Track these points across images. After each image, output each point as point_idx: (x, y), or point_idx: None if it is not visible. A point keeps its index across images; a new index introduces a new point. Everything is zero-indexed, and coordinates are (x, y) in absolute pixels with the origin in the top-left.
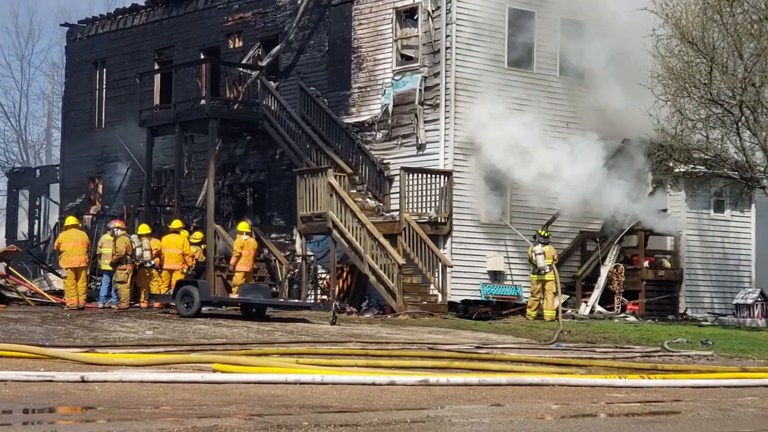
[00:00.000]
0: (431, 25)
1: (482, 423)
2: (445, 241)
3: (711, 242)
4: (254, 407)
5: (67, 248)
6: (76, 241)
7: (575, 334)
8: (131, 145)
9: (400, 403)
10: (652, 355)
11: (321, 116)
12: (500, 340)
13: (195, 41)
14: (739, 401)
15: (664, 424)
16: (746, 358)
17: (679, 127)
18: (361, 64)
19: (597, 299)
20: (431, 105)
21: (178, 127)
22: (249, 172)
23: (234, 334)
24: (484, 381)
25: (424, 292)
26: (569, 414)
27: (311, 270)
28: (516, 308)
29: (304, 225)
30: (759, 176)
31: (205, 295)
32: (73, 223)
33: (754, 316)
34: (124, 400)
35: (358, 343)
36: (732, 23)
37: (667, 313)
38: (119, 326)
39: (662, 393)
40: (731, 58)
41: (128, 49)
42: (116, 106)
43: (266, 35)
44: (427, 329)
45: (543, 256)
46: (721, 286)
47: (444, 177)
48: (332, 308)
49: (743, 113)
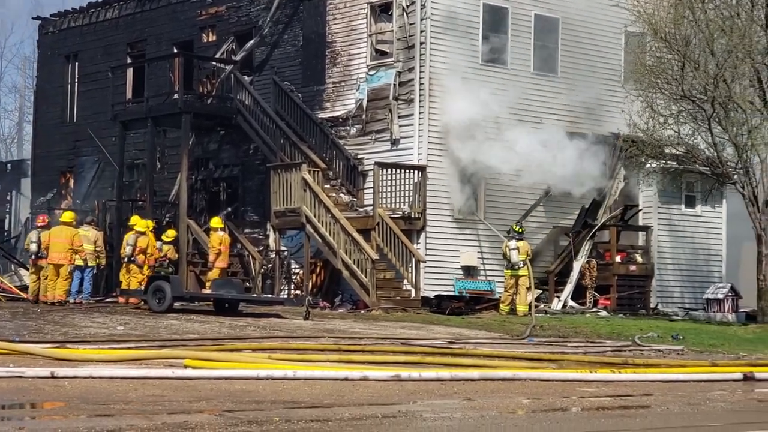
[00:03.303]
0: (406, 21)
1: (453, 418)
2: (419, 236)
3: (682, 237)
4: (225, 403)
5: (51, 244)
6: (59, 237)
7: (547, 329)
8: (103, 140)
9: (372, 398)
10: (623, 349)
11: (295, 111)
12: (473, 335)
13: (168, 35)
14: (709, 395)
15: (634, 418)
16: (716, 353)
17: (651, 123)
18: (335, 59)
19: (569, 294)
20: (405, 100)
21: (151, 122)
22: (222, 166)
23: (206, 330)
24: (456, 376)
25: (398, 288)
26: (540, 408)
27: (284, 265)
28: (489, 303)
29: (277, 220)
30: (730, 172)
31: (177, 291)
32: (66, 220)
33: (724, 311)
34: (93, 396)
35: (331, 339)
36: (704, 19)
37: (639, 308)
38: (90, 322)
39: (632, 387)
40: (703, 54)
41: (101, 42)
42: (88, 100)
43: (240, 29)
44: (400, 324)
45: (517, 251)
46: (692, 281)
47: (418, 172)
48: (305, 303)
49: (714, 109)
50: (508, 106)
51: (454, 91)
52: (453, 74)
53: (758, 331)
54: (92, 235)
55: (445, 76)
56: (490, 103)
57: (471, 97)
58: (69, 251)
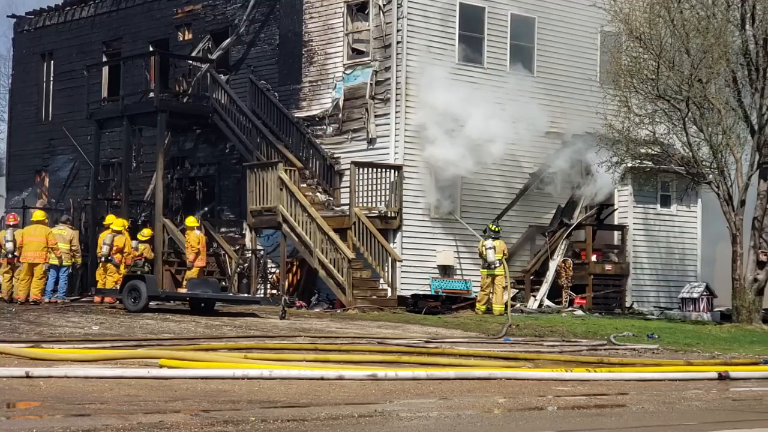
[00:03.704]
0: (382, 20)
1: (430, 417)
2: (395, 235)
3: (657, 237)
4: (201, 403)
5: (24, 243)
6: (34, 236)
7: (523, 328)
8: (78, 138)
9: (348, 397)
10: (598, 348)
11: (271, 110)
12: (449, 335)
13: (144, 33)
14: (684, 394)
15: (609, 417)
16: (691, 352)
17: (626, 123)
18: (312, 58)
19: (545, 293)
20: (382, 99)
21: (126, 120)
22: (198, 165)
23: (182, 329)
24: (432, 375)
25: (374, 287)
26: (516, 407)
27: (261, 264)
28: (465, 303)
29: (254, 219)
30: (705, 172)
31: (153, 290)
32: (38, 219)
33: (699, 310)
34: (69, 396)
35: (307, 338)
36: (679, 19)
37: (614, 307)
38: (65, 321)
39: (608, 386)
40: (678, 54)
41: (76, 41)
42: (64, 99)
43: (216, 28)
44: (376, 323)
45: (493, 250)
46: (667, 280)
47: (394, 171)
48: (281, 303)
49: (690, 109)
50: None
51: (430, 90)
52: (429, 74)
53: (733, 330)
54: (67, 234)
55: (421, 76)
56: (466, 102)
57: (447, 96)
58: (44, 250)
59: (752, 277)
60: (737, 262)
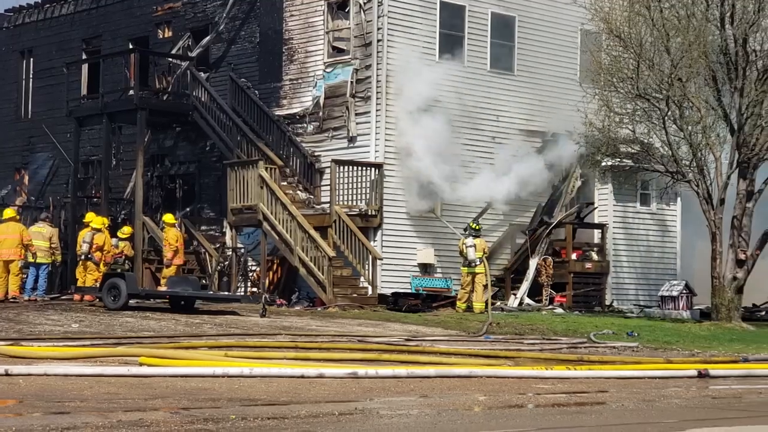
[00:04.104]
0: (363, 18)
1: (410, 415)
2: (376, 233)
3: (637, 235)
4: (181, 401)
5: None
6: (8, 234)
7: (504, 326)
8: (58, 136)
9: (328, 395)
10: (578, 346)
11: (252, 108)
12: (430, 333)
13: (123, 31)
14: (664, 392)
15: (589, 414)
16: (671, 350)
17: (606, 121)
18: (292, 56)
19: (526, 291)
20: (362, 97)
21: (106, 118)
22: (179, 163)
23: (162, 327)
24: (413, 373)
25: (355, 285)
26: (497, 405)
27: (241, 262)
28: (446, 301)
29: (234, 217)
30: (684, 170)
31: (133, 288)
32: (9, 216)
33: (678, 308)
34: (48, 394)
35: (288, 336)
36: (659, 18)
37: (594, 305)
38: (45, 319)
39: (588, 384)
40: (658, 53)
41: (56, 38)
42: (43, 96)
43: (196, 26)
44: (357, 322)
45: (474, 248)
46: (647, 278)
47: (374, 169)
48: (262, 301)
49: (669, 108)
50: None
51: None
52: (410, 72)
53: (712, 328)
54: (47, 231)
55: (401, 74)
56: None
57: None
58: (18, 246)
59: (731, 276)
60: (716, 260)
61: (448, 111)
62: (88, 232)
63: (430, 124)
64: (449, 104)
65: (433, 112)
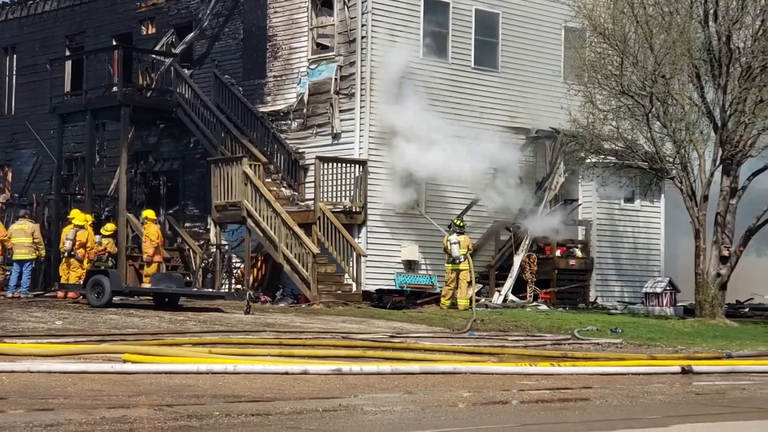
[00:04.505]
0: (347, 14)
1: (394, 411)
2: (360, 230)
3: (621, 232)
4: (164, 397)
5: None
6: None
7: (488, 323)
8: (41, 133)
9: (312, 392)
10: (562, 343)
11: (236, 105)
12: (414, 329)
13: (107, 27)
14: (647, 388)
15: (573, 410)
16: (654, 346)
17: (591, 118)
18: (276, 52)
19: (510, 288)
20: (346, 94)
21: (90, 115)
22: (162, 160)
23: (146, 324)
24: (397, 370)
25: (339, 282)
26: (481, 401)
27: (225, 259)
28: (430, 297)
29: (218, 214)
30: (668, 167)
31: (117, 285)
32: None
33: (662, 305)
34: (32, 391)
35: (272, 333)
36: (643, 15)
37: (578, 302)
38: (28, 316)
39: (572, 380)
40: (642, 50)
41: (39, 35)
42: (26, 93)
43: (180, 22)
44: (341, 318)
45: (458, 245)
46: (631, 275)
47: (359, 166)
48: (246, 297)
49: (653, 105)
50: (447, 101)
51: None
52: (394, 69)
53: (696, 325)
54: (28, 227)
55: (386, 71)
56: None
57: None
58: None
59: (715, 272)
60: (700, 257)
61: (432, 108)
62: (71, 229)
63: (414, 120)
64: (433, 101)
65: (417, 108)
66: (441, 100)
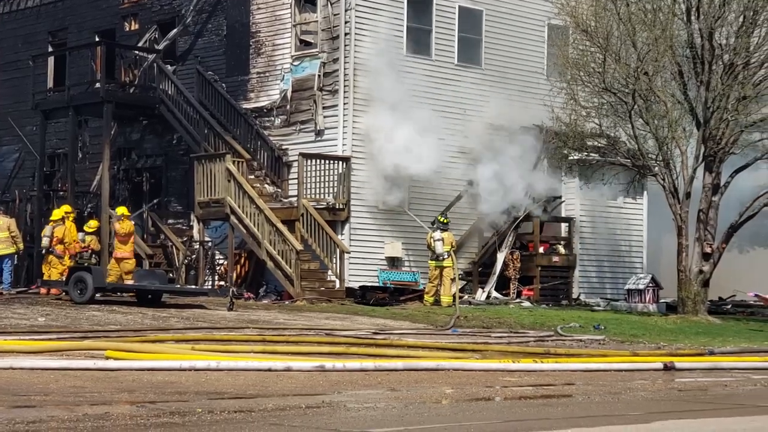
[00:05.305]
0: (330, 11)
1: (377, 408)
2: (343, 227)
3: (604, 229)
4: (147, 394)
5: None
6: None
7: (471, 320)
8: (24, 129)
9: (295, 388)
10: (545, 339)
11: (219, 101)
12: (397, 326)
13: (90, 23)
14: (629, 385)
15: (556, 407)
16: (637, 343)
17: (573, 115)
18: (259, 49)
19: (493, 285)
20: (330, 91)
21: (72, 111)
22: (145, 156)
23: (129, 321)
24: (380, 366)
25: (322, 278)
26: (464, 398)
27: (209, 256)
28: (413, 294)
29: (201, 210)
30: (651, 164)
31: (99, 282)
32: None
33: (645, 302)
34: (14, 388)
35: (255, 329)
36: (625, 12)
37: (561, 299)
38: (11, 313)
39: (555, 377)
40: (624, 47)
41: (22, 31)
42: (9, 89)
43: (163, 18)
44: (324, 315)
45: (441, 242)
46: (614, 271)
47: (342, 163)
48: (229, 294)
49: (636, 102)
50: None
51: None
52: (377, 65)
53: (678, 322)
54: (3, 222)
55: (369, 67)
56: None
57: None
58: None
59: (697, 269)
60: (683, 254)
61: (415, 104)
62: (48, 226)
63: (397, 117)
64: (417, 97)
65: (400, 105)
66: (424, 97)
